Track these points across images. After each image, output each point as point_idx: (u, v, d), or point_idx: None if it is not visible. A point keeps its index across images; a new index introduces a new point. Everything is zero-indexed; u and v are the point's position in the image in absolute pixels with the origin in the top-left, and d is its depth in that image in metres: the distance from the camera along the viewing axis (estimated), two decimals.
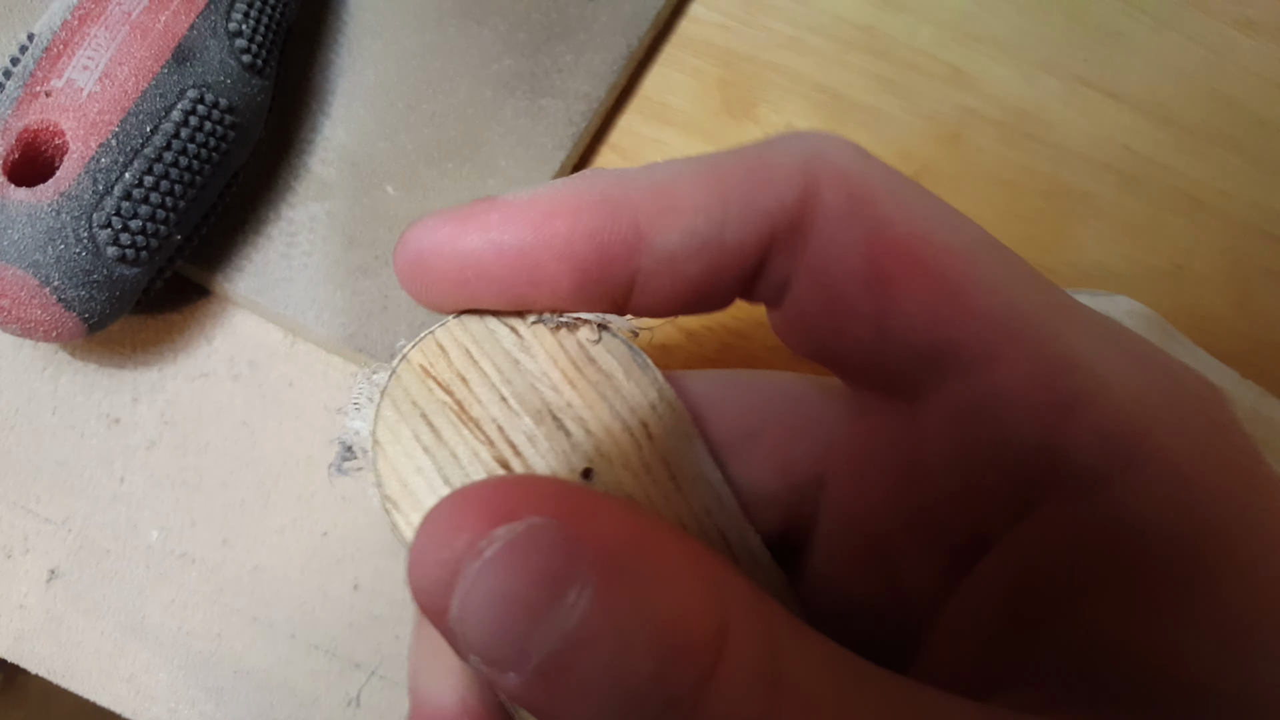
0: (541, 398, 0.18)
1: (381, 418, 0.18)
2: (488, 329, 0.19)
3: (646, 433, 0.19)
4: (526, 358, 0.19)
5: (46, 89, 0.28)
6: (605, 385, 0.19)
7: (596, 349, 0.19)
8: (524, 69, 0.38)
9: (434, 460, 0.18)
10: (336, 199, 0.35)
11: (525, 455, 0.18)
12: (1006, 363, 0.16)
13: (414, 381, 0.18)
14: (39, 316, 0.28)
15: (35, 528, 0.32)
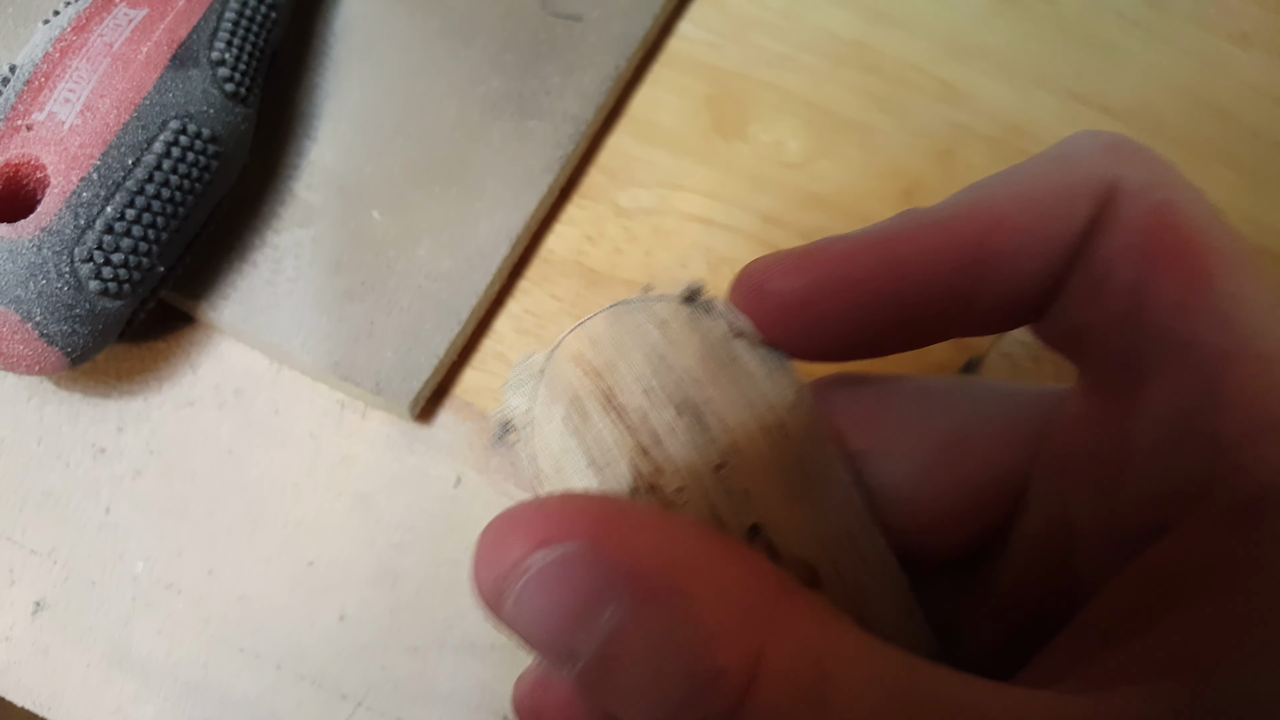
0: (684, 391, 0.19)
1: (538, 398, 0.19)
2: (639, 323, 0.20)
3: (784, 432, 0.19)
4: (673, 352, 0.19)
5: (28, 123, 0.28)
6: (747, 384, 0.19)
7: (739, 348, 0.20)
8: (512, 90, 0.38)
9: (581, 442, 0.19)
10: (322, 224, 0.35)
11: (665, 444, 0.19)
12: (1237, 367, 0.16)
13: (568, 367, 0.19)
14: (21, 351, 0.28)
15: (21, 559, 0.32)
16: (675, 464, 0.19)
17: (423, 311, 0.34)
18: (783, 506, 0.19)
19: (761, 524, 0.19)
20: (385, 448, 0.34)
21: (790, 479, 0.19)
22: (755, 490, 0.19)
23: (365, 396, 0.33)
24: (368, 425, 0.34)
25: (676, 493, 0.18)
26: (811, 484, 0.20)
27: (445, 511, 0.33)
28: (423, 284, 0.34)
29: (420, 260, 0.35)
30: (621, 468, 0.19)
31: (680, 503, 0.19)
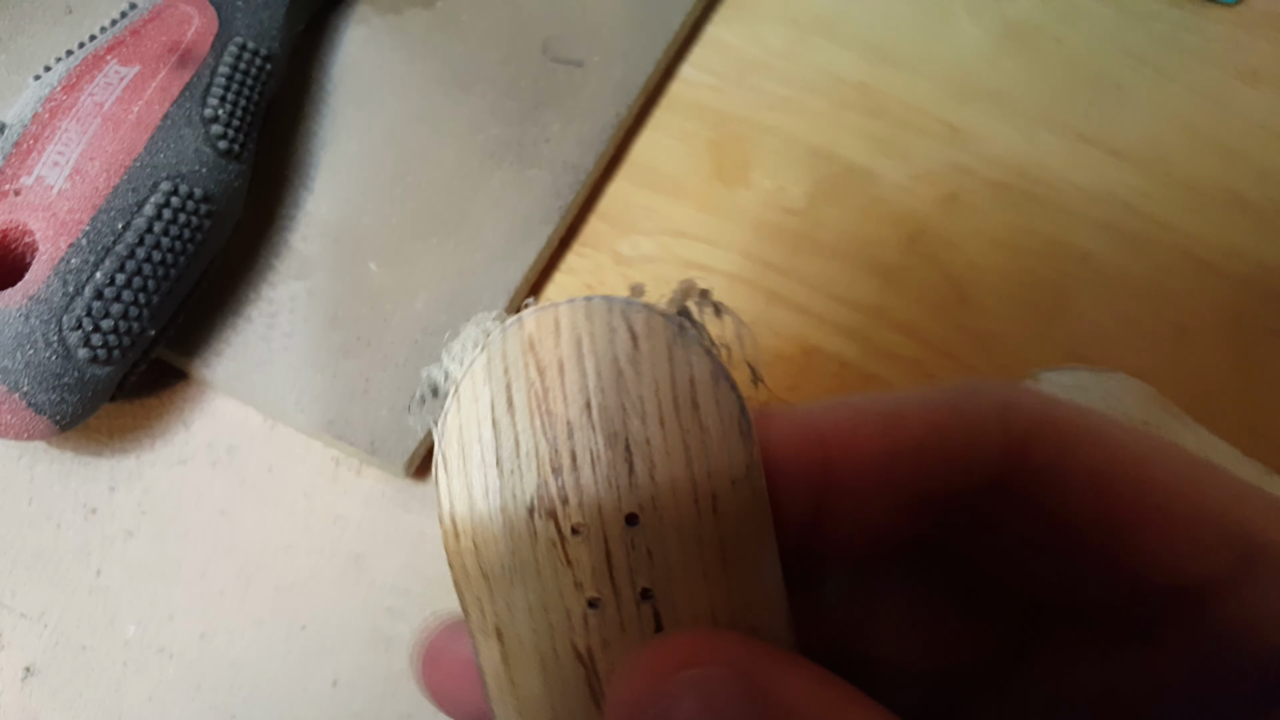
0: (625, 423, 0.17)
1: (471, 372, 0.17)
2: (610, 326, 0.17)
3: (713, 506, 0.17)
4: (632, 373, 0.17)
5: (15, 187, 0.27)
6: (695, 439, 0.17)
7: (704, 395, 0.17)
8: (511, 138, 0.37)
9: (496, 437, 0.17)
10: (318, 276, 0.34)
11: (581, 472, 0.17)
12: (1252, 588, 0.16)
13: (515, 349, 0.17)
14: (9, 421, 0.27)
15: (11, 623, 0.31)
16: (584, 498, 0.17)
17: (419, 367, 0.33)
18: (684, 582, 0.17)
19: (654, 591, 0.17)
20: (379, 506, 0.33)
21: (706, 555, 0.17)
22: (661, 556, 0.17)
23: (360, 455, 0.33)
24: (362, 483, 0.33)
25: (572, 530, 0.17)
26: (729, 567, 0.18)
27: (440, 573, 0.32)
28: (419, 339, 0.34)
29: (417, 314, 0.34)
30: (527, 482, 0.17)
31: (573, 541, 0.17)
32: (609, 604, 0.17)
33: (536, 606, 0.17)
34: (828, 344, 0.38)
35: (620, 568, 0.17)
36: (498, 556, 0.17)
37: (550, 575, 0.17)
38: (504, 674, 0.17)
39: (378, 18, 0.39)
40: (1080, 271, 0.41)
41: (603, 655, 0.17)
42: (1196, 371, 0.40)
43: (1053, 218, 0.42)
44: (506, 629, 0.17)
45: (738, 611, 0.18)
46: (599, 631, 0.17)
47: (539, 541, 0.17)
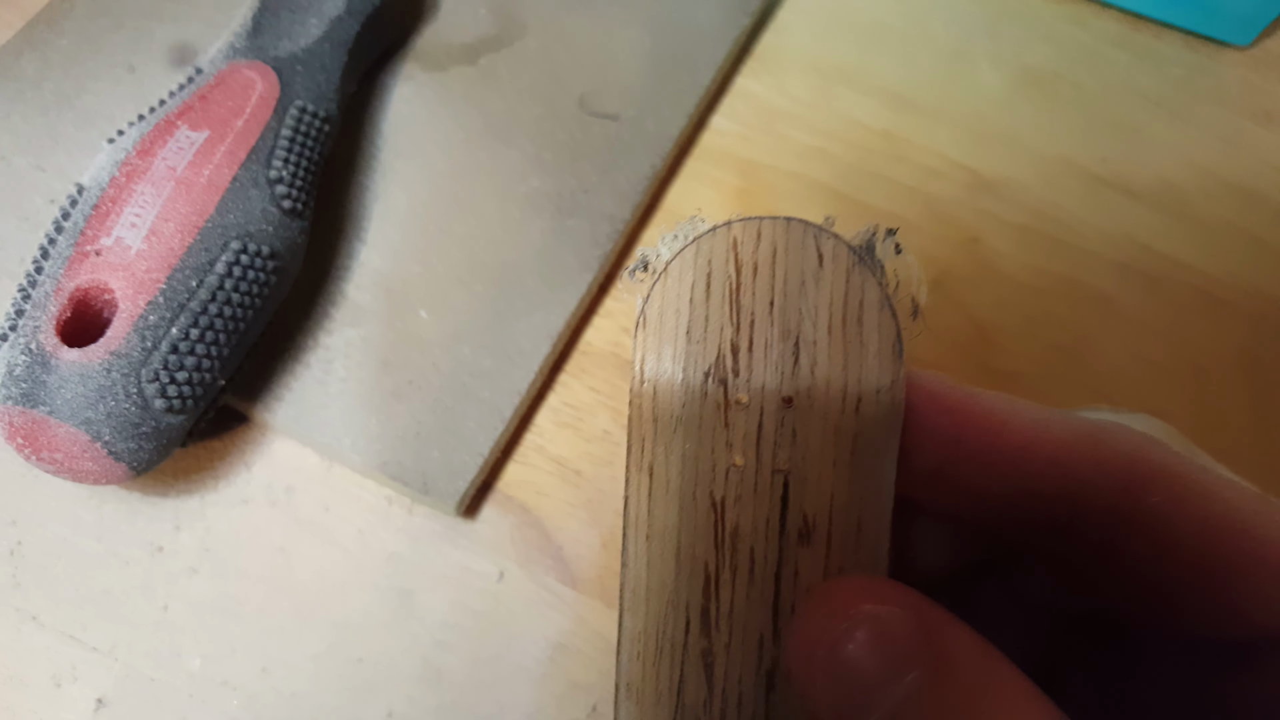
0: (799, 324, 0.20)
1: (681, 256, 0.20)
2: (803, 245, 0.21)
3: (856, 407, 0.20)
4: (813, 286, 0.20)
5: (96, 248, 0.29)
6: (854, 351, 0.20)
7: (869, 316, 0.20)
8: (550, 190, 0.39)
9: (691, 312, 0.20)
10: (371, 324, 0.36)
11: (755, 356, 0.20)
12: None
13: (721, 247, 0.21)
14: (89, 468, 0.29)
15: (83, 656, 0.33)
16: (752, 376, 0.20)
17: (466, 410, 0.35)
18: (816, 464, 0.21)
19: (789, 470, 0.21)
20: (430, 544, 0.35)
21: (839, 446, 0.20)
22: (803, 437, 0.20)
23: (413, 494, 0.34)
24: (413, 521, 0.35)
25: (737, 400, 0.20)
26: (855, 461, 0.21)
27: (487, 608, 0.34)
28: (467, 382, 0.35)
29: (464, 359, 0.36)
30: (709, 351, 0.20)
31: (735, 409, 0.20)
32: (750, 468, 0.21)
33: (690, 456, 0.20)
34: None
35: (767, 439, 0.20)
36: (669, 407, 0.20)
37: (709, 432, 0.20)
38: (645, 505, 0.21)
39: (423, 74, 0.41)
40: (1100, 311, 0.42)
41: (733, 508, 0.21)
42: (1214, 410, 0.41)
43: (1072, 259, 0.43)
44: (659, 468, 0.21)
45: (851, 503, 0.21)
46: (736, 488, 0.21)
47: (707, 402, 0.20)
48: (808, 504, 0.21)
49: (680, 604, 0.21)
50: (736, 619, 0.21)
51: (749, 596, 0.21)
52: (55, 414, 0.28)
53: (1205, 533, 0.18)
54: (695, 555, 0.21)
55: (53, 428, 0.28)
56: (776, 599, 0.21)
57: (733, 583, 0.21)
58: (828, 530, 0.21)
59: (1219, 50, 0.49)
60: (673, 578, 0.21)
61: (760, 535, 0.21)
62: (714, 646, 0.21)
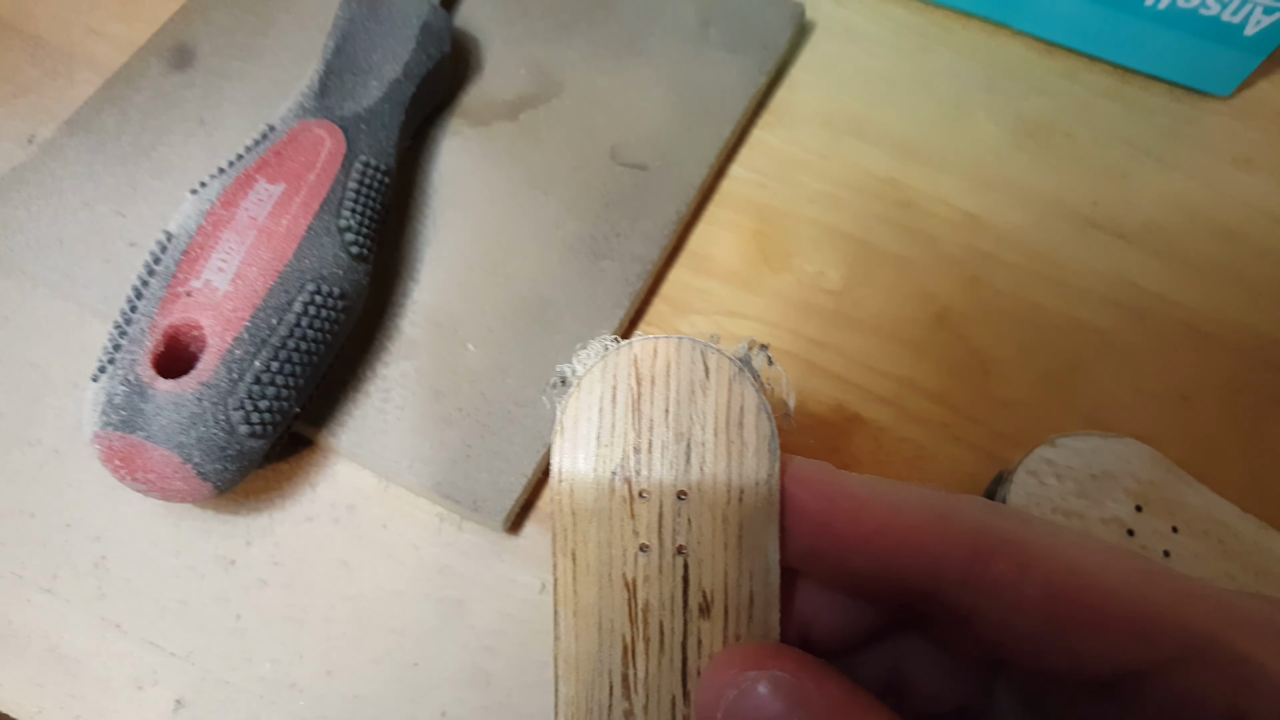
0: (689, 428, 0.24)
1: (592, 372, 0.24)
2: (692, 360, 0.25)
3: (740, 497, 0.24)
4: (701, 395, 0.24)
5: (187, 289, 0.32)
6: (736, 449, 0.24)
7: (749, 419, 0.25)
8: (585, 234, 0.42)
9: (600, 419, 0.24)
10: (423, 357, 0.39)
11: (654, 455, 0.24)
12: (1193, 673, 0.20)
13: (624, 363, 0.24)
14: (180, 487, 0.32)
15: (162, 661, 0.36)
16: (652, 473, 0.24)
17: (512, 435, 0.38)
18: (710, 546, 0.24)
19: (687, 550, 0.24)
20: (478, 557, 0.38)
21: (728, 531, 0.24)
22: (697, 524, 0.24)
23: (463, 512, 0.38)
24: (463, 537, 0.38)
25: (639, 494, 0.24)
26: (742, 543, 0.24)
27: (531, 617, 0.37)
28: (511, 410, 0.39)
29: (509, 388, 0.39)
30: (615, 453, 0.24)
31: (639, 501, 0.24)
32: (654, 550, 0.24)
33: (603, 542, 0.24)
34: (865, 411, 0.43)
35: (667, 526, 0.24)
36: (584, 502, 0.24)
37: (618, 521, 0.24)
38: (571, 585, 0.25)
39: (469, 129, 0.45)
40: (1092, 344, 0.45)
41: (643, 586, 0.24)
42: (1200, 435, 0.44)
43: (1066, 296, 0.46)
44: (579, 554, 0.24)
45: (742, 577, 0.25)
46: (644, 569, 0.24)
47: (615, 497, 0.24)
48: (705, 581, 0.25)
49: (604, 671, 0.25)
50: (651, 683, 0.25)
51: (660, 663, 0.25)
52: (152, 438, 0.31)
53: (1048, 592, 0.21)
54: (614, 628, 0.25)
55: (149, 451, 0.31)
56: (684, 665, 0.25)
57: (646, 652, 0.25)
58: (724, 603, 0.25)
59: (1202, 100, 0.53)
60: (596, 648, 0.25)
61: (667, 610, 0.25)
62: (634, 708, 0.25)
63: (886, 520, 0.22)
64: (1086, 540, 0.23)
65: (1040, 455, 0.39)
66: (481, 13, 0.48)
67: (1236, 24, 0.48)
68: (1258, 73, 0.53)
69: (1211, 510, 0.39)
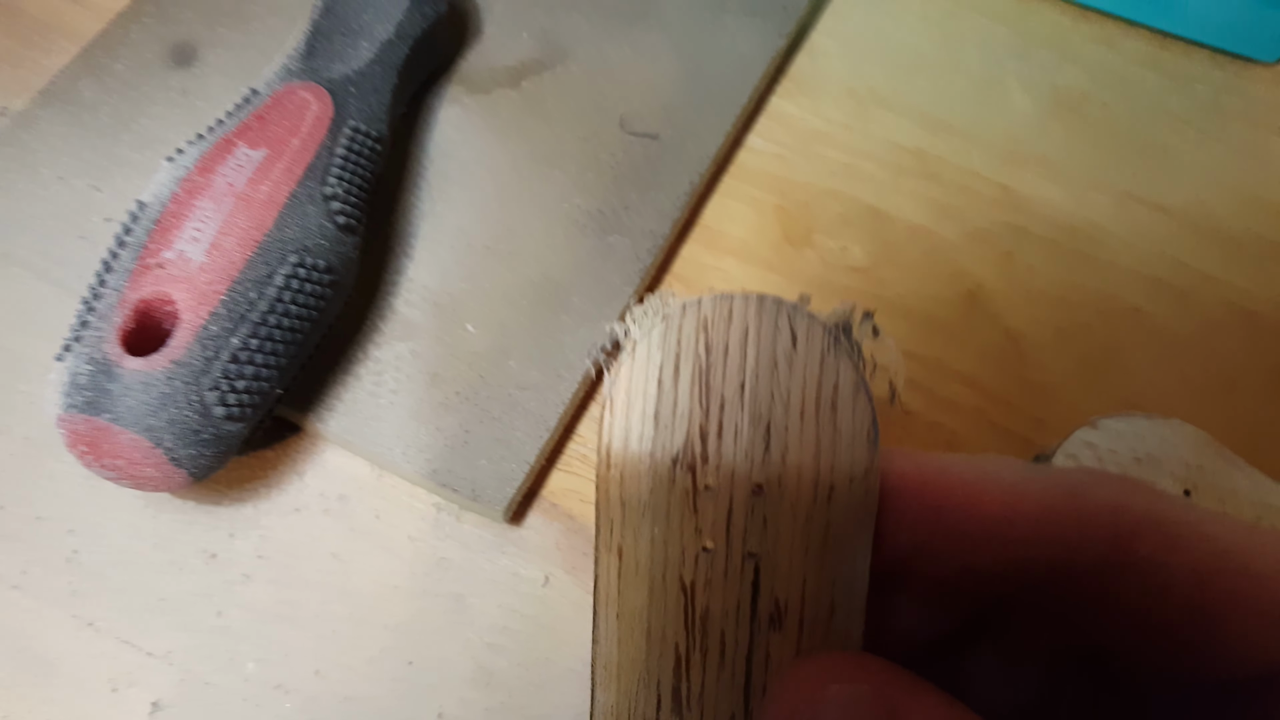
0: (771, 409, 0.20)
1: (649, 336, 0.20)
2: (776, 325, 0.20)
3: (829, 496, 0.20)
4: (786, 369, 0.20)
5: (159, 261, 0.30)
6: (827, 437, 0.20)
7: (844, 401, 0.20)
8: (593, 208, 0.40)
9: (659, 395, 0.20)
10: (420, 338, 0.37)
11: (725, 442, 0.20)
12: None
13: (690, 327, 0.20)
14: (151, 474, 0.30)
15: (139, 661, 0.34)
16: (721, 463, 0.20)
17: (513, 421, 0.36)
18: (787, 551, 0.20)
19: (760, 555, 0.20)
20: (479, 549, 0.36)
21: (810, 533, 0.20)
22: (774, 525, 0.20)
23: (462, 501, 0.35)
24: (462, 528, 0.36)
25: (705, 486, 0.20)
26: (826, 550, 0.20)
27: (535, 612, 0.35)
28: (513, 394, 0.36)
29: (511, 372, 0.37)
30: (677, 436, 0.20)
31: (704, 495, 0.20)
32: (719, 553, 0.20)
33: (659, 540, 0.20)
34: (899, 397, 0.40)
35: (737, 526, 0.20)
36: (637, 492, 0.20)
37: (677, 518, 0.20)
38: (615, 585, 0.20)
39: (469, 98, 0.42)
40: (1132, 325, 0.43)
41: (703, 592, 0.20)
42: (1247, 423, 0.41)
43: (1104, 274, 0.44)
44: (628, 550, 0.20)
45: (824, 587, 0.20)
46: (705, 573, 0.20)
47: (675, 489, 0.20)
48: (779, 589, 0.20)
49: (651, 682, 0.21)
50: (707, 699, 0.21)
51: (719, 679, 0.21)
52: (118, 421, 0.29)
53: (1196, 577, 0.18)
54: (665, 636, 0.21)
55: (115, 435, 0.29)
56: (748, 681, 0.21)
57: (703, 664, 0.21)
58: (800, 615, 0.21)
59: (1246, 67, 0.50)
60: (643, 656, 0.21)
61: (731, 619, 0.21)
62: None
63: (1010, 505, 0.19)
64: (1227, 519, 0.20)
65: (1080, 438, 0.36)
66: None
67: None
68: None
69: (1263, 495, 0.36)
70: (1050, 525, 0.19)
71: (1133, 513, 0.19)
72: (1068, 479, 0.20)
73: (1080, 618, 0.20)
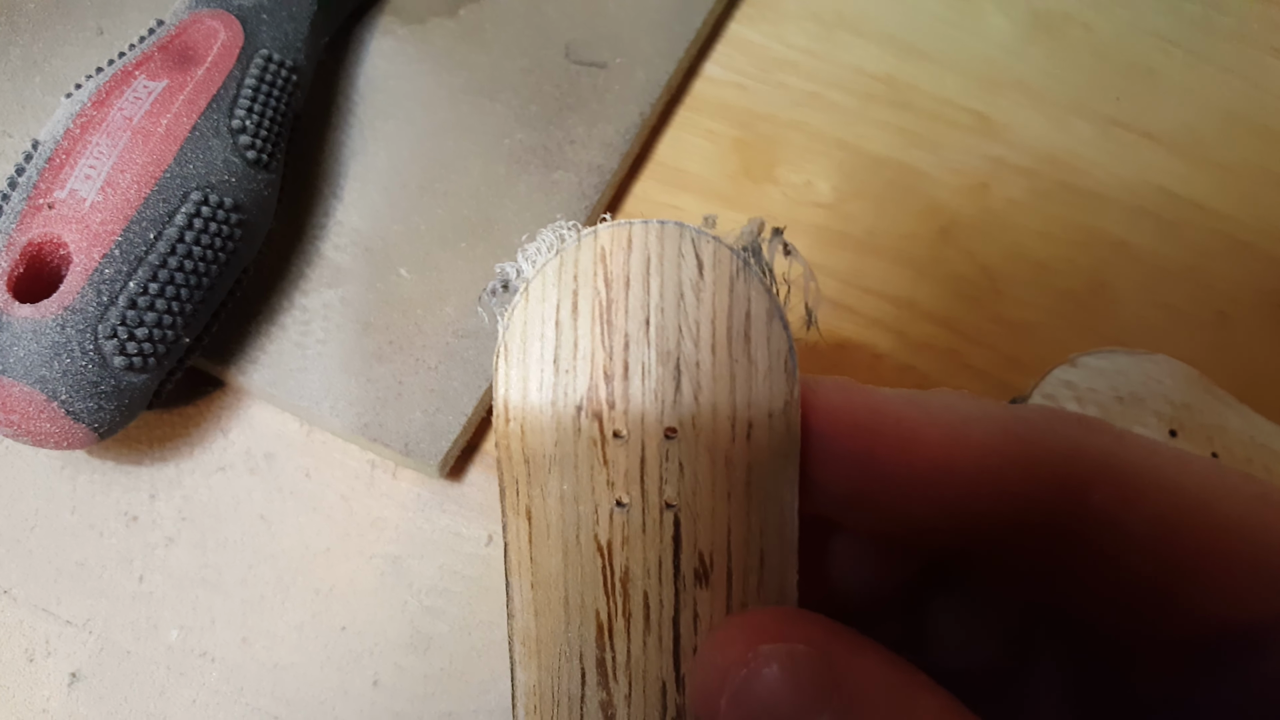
0: (679, 344, 0.18)
1: (543, 272, 0.18)
2: (680, 252, 0.18)
3: (747, 433, 0.18)
4: (693, 299, 0.18)
5: (49, 201, 0.28)
6: (741, 370, 0.18)
7: (757, 330, 0.18)
8: (536, 143, 0.38)
9: (557, 337, 0.18)
10: (350, 285, 0.35)
11: (631, 383, 0.18)
12: None
13: (587, 259, 0.18)
14: (48, 429, 0.28)
15: (57, 630, 0.32)
16: (629, 406, 0.18)
17: (450, 370, 0.34)
18: (708, 498, 0.18)
19: (679, 505, 0.18)
20: (416, 509, 0.34)
21: (731, 477, 0.18)
22: (691, 470, 0.18)
23: (395, 457, 0.33)
24: (399, 486, 0.34)
25: (614, 434, 0.18)
26: (751, 492, 0.18)
27: (477, 573, 0.33)
28: (450, 342, 0.34)
29: (448, 318, 0.34)
30: (579, 382, 0.18)
31: (613, 444, 0.18)
32: (635, 506, 0.18)
33: (568, 496, 0.18)
34: (861, 337, 0.38)
35: (652, 475, 0.18)
36: (541, 445, 0.18)
37: (586, 471, 0.18)
38: (526, 551, 0.19)
39: (402, 28, 0.39)
40: (1117, 258, 0.40)
41: (620, 551, 0.19)
42: (1240, 355, 0.39)
43: (1087, 205, 0.41)
44: (537, 512, 0.19)
45: (751, 536, 0.19)
46: (622, 530, 0.19)
47: (581, 438, 0.18)
48: (702, 541, 0.19)
49: (574, 655, 0.20)
50: (635, 668, 0.20)
51: (646, 644, 0.20)
52: (8, 372, 0.27)
53: (1159, 530, 0.17)
54: (585, 603, 0.19)
55: (6, 387, 0.27)
56: (677, 644, 0.19)
57: (628, 630, 0.20)
58: (726, 568, 0.19)
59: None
60: (563, 627, 0.20)
61: (654, 578, 0.19)
62: (613, 698, 0.20)
63: (949, 450, 0.17)
64: (1190, 459, 0.18)
65: (1058, 377, 0.34)
66: None
67: None
68: None
69: (1255, 434, 0.34)
70: (993, 472, 0.17)
71: (1086, 458, 0.17)
72: (1016, 420, 0.18)
73: (1039, 576, 0.19)
